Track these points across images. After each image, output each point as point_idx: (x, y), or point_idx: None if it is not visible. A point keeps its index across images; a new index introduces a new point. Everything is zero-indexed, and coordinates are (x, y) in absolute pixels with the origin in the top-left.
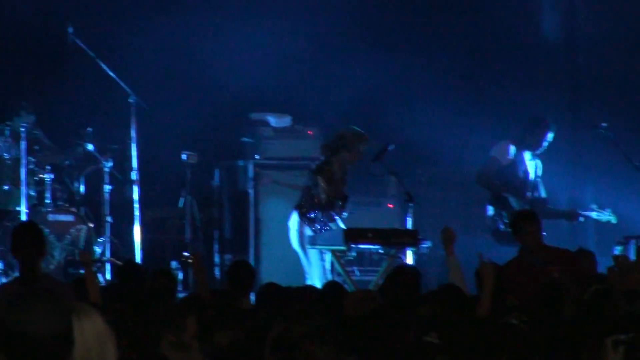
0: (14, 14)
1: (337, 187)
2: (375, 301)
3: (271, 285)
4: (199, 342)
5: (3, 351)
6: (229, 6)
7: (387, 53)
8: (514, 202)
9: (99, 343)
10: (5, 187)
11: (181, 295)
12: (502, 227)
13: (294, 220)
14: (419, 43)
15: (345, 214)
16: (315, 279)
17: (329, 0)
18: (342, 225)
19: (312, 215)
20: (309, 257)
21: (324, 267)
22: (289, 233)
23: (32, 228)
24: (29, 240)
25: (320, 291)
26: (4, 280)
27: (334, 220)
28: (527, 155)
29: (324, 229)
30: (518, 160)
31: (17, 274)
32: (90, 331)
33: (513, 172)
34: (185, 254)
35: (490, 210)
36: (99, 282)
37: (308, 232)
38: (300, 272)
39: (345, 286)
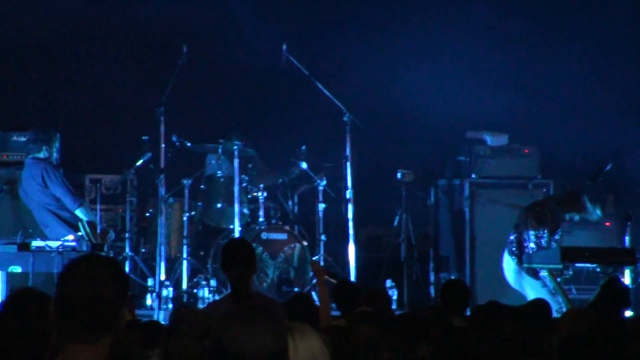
0: (231, 34)
1: (547, 227)
2: (591, 318)
3: (490, 304)
4: None
5: None
6: (441, 24)
7: (604, 68)
8: None
9: None
10: (218, 205)
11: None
12: None
13: (506, 259)
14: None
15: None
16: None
17: (547, 19)
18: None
19: (522, 253)
20: (526, 291)
21: (549, 291)
22: (504, 274)
23: (242, 245)
24: (239, 257)
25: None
26: (216, 298)
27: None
28: None
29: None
30: None
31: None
32: (304, 352)
33: None
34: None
35: None
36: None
37: (521, 269)
38: (517, 291)
39: (562, 305)
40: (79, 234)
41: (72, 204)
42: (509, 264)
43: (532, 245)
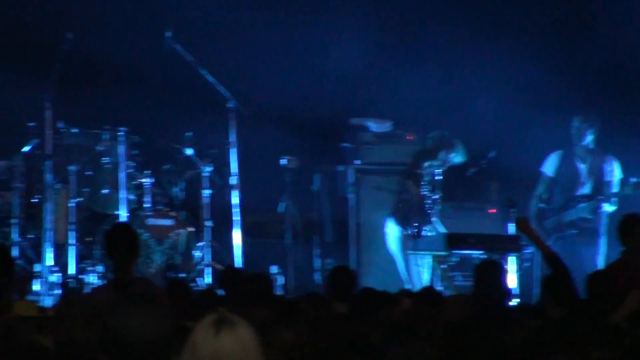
0: (116, 20)
1: (429, 189)
2: (473, 305)
3: (367, 290)
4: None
5: (108, 355)
6: (328, 10)
7: (487, 56)
8: None
9: (240, 356)
10: (105, 191)
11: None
12: None
13: (390, 226)
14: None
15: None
16: (415, 284)
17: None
18: (441, 227)
19: (407, 220)
20: (407, 261)
21: (419, 272)
22: (385, 239)
23: (124, 230)
24: (120, 242)
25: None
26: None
27: (430, 222)
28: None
29: (423, 231)
30: None
31: None
32: (234, 345)
33: None
34: None
35: None
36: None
37: (405, 237)
38: (400, 277)
39: (447, 291)
40: None
41: None
42: (393, 230)
43: (413, 203)
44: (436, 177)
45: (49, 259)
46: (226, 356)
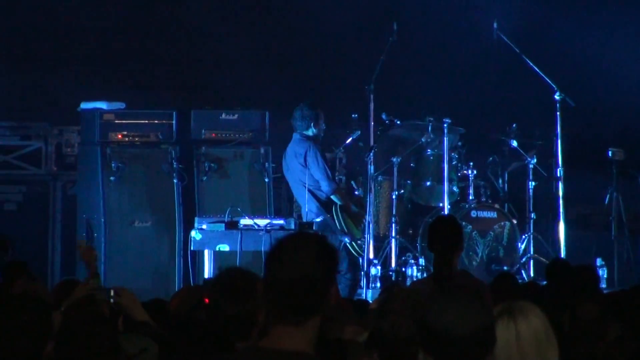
0: (442, 12)
1: None
2: None
3: None
4: None
5: (425, 349)
6: None
7: None
8: None
9: (535, 345)
10: (427, 184)
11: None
12: None
13: None
14: None
15: None
16: None
17: None
18: None
19: None
20: None
21: None
22: None
23: (448, 222)
24: (443, 234)
25: None
26: (424, 276)
27: None
28: None
29: None
30: None
31: None
32: (526, 333)
33: None
34: None
35: None
36: None
37: None
38: None
39: None
40: (328, 215)
41: (327, 188)
42: None
43: None
44: None
45: (370, 251)
46: (522, 343)
